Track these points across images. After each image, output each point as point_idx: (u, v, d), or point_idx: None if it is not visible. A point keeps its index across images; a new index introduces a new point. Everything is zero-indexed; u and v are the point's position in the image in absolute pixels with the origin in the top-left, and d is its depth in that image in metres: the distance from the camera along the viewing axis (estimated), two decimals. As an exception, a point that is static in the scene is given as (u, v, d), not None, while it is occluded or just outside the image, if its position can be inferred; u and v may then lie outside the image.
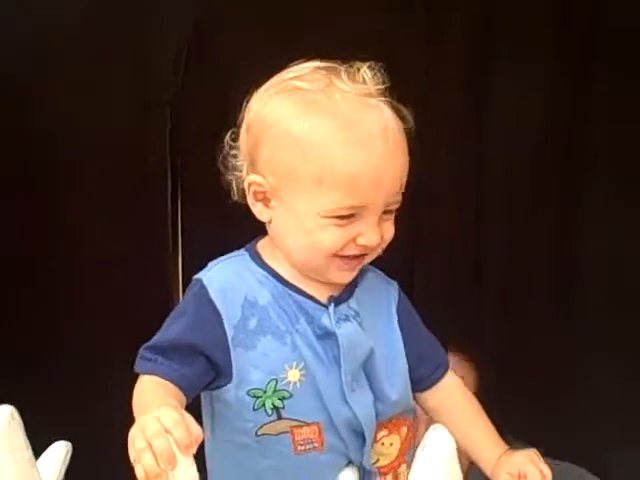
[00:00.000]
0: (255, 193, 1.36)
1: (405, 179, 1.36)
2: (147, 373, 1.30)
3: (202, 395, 1.37)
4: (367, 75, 1.34)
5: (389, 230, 1.38)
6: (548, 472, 1.33)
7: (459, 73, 2.51)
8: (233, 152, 1.41)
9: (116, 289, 2.40)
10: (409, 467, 1.35)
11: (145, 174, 2.25)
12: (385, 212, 1.35)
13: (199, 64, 2.21)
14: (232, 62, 2.27)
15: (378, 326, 1.44)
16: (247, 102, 1.39)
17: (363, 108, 1.32)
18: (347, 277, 1.39)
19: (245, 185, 1.37)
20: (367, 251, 1.36)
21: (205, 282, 1.35)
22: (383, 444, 1.39)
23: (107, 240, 2.36)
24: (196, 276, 1.38)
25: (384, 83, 1.35)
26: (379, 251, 1.39)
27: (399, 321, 1.47)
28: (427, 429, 1.37)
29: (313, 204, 1.31)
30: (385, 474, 1.38)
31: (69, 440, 1.37)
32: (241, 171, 1.40)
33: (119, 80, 2.20)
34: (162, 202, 2.25)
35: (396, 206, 1.37)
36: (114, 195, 2.30)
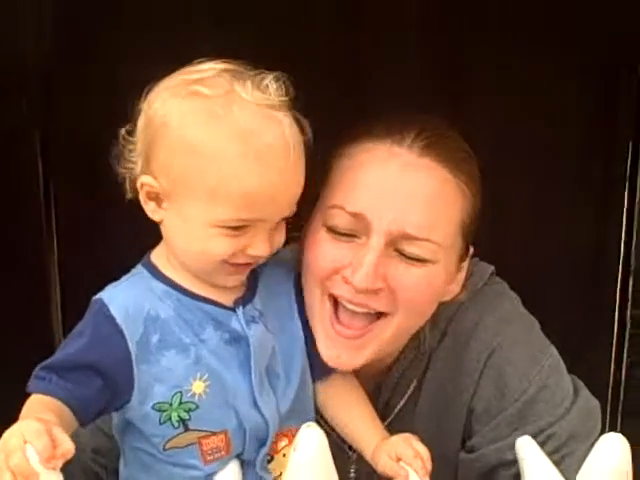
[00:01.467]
0: (148, 193, 1.33)
1: (301, 191, 1.34)
2: (38, 392, 1.25)
3: None
4: (272, 86, 1.30)
5: (279, 238, 1.37)
6: (424, 451, 1.35)
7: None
8: (130, 147, 1.36)
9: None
10: None
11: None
12: (278, 222, 1.34)
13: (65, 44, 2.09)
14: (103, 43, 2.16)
15: (281, 322, 1.44)
16: (146, 95, 1.34)
17: (263, 121, 1.28)
18: (235, 281, 1.38)
19: (138, 184, 1.34)
20: (259, 260, 1.36)
21: (106, 300, 1.32)
22: (285, 455, 1.39)
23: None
24: (95, 297, 1.35)
25: (288, 95, 1.31)
26: (265, 258, 1.38)
27: (299, 311, 1.48)
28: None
29: (204, 214, 1.29)
30: None
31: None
32: (134, 166, 1.35)
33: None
34: (34, 188, 2.15)
35: (289, 215, 1.35)
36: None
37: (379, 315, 1.47)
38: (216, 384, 1.34)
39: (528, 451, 1.43)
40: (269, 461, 1.39)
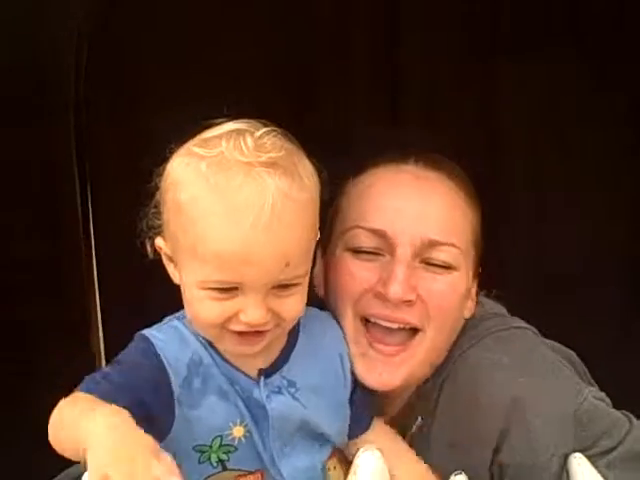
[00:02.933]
0: (166, 255, 1.36)
1: (301, 253, 1.28)
2: (97, 395, 1.24)
3: None
4: (250, 143, 1.27)
5: (290, 306, 1.31)
6: None
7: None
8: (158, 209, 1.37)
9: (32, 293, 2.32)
10: None
11: (53, 178, 2.17)
12: (280, 287, 1.28)
13: (102, 63, 2.13)
14: (139, 63, 2.22)
15: (322, 382, 1.44)
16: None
17: (243, 179, 1.24)
18: (249, 350, 1.35)
19: (157, 247, 1.37)
20: (256, 328, 1.30)
21: (152, 339, 1.35)
22: (329, 470, 1.44)
23: (19, 243, 2.27)
24: (140, 333, 1.37)
25: (282, 151, 1.28)
26: (286, 326, 1.35)
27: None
28: None
29: (192, 274, 1.29)
30: None
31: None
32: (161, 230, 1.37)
33: (17, 83, 2.09)
34: (72, 205, 2.18)
35: (295, 281, 1.29)
36: (24, 201, 2.21)
37: (412, 332, 1.49)
38: (252, 431, 1.36)
39: (579, 470, 1.45)
40: None
